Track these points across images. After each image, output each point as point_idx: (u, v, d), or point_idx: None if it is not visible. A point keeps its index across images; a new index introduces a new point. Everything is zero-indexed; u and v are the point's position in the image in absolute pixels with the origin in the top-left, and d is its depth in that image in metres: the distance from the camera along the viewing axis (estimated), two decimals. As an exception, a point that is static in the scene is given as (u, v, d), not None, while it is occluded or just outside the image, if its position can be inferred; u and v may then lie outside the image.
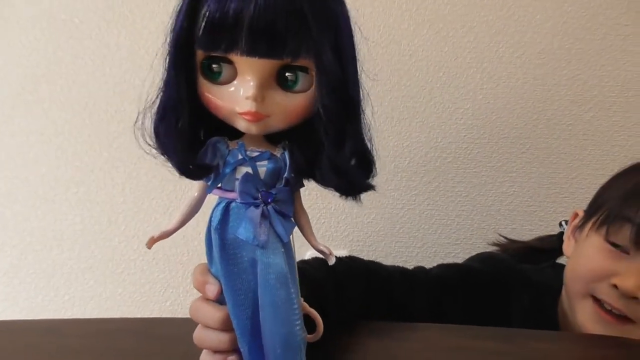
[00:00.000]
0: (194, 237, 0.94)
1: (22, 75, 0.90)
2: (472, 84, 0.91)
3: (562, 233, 0.73)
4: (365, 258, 0.66)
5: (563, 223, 0.74)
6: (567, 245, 0.69)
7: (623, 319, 0.58)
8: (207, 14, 0.32)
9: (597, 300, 0.60)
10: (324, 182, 0.37)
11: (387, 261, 0.69)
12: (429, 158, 0.94)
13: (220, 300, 0.39)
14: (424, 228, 0.95)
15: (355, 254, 0.68)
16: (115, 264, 0.96)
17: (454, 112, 0.92)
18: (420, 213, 0.95)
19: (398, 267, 0.66)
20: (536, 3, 0.89)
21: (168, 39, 0.34)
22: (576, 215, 0.69)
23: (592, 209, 0.64)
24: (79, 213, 0.94)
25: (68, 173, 0.93)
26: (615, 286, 0.57)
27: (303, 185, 0.38)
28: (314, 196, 0.39)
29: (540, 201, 0.95)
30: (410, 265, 0.79)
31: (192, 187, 0.39)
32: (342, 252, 0.93)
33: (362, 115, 0.36)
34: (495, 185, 0.94)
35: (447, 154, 0.94)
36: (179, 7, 0.34)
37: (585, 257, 0.62)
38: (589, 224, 0.63)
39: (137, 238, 0.95)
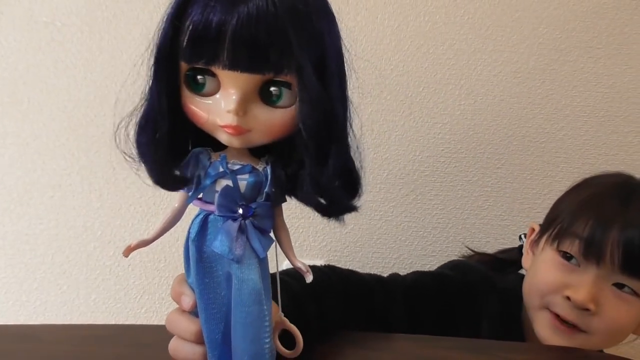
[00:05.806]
0: (171, 244, 0.93)
1: (1, 77, 0.88)
2: (450, 99, 0.93)
3: (522, 246, 0.75)
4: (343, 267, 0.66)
5: (522, 236, 0.76)
6: (526, 259, 0.71)
7: (577, 328, 0.60)
8: (191, 26, 0.33)
9: (553, 312, 0.62)
10: (304, 199, 0.37)
11: (364, 272, 0.70)
12: (407, 171, 0.95)
13: (196, 312, 0.39)
14: (401, 239, 0.97)
15: (332, 263, 0.68)
16: (90, 269, 0.95)
17: (432, 127, 0.94)
18: (397, 225, 0.96)
19: (375, 275, 0.66)
20: (513, 24, 0.92)
21: (153, 49, 0.34)
22: (532, 230, 0.71)
23: (547, 223, 0.66)
24: (54, 217, 0.93)
25: (44, 176, 0.91)
26: (568, 298, 0.59)
27: (285, 200, 0.38)
28: (293, 205, 0.39)
29: (514, 216, 0.97)
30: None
31: (174, 198, 0.39)
32: (320, 262, 0.93)
33: (348, 135, 0.36)
34: (470, 199, 0.96)
35: (425, 168, 0.95)
36: (164, 18, 0.34)
37: (541, 270, 0.64)
38: (544, 238, 0.65)
39: (113, 244, 0.94)
